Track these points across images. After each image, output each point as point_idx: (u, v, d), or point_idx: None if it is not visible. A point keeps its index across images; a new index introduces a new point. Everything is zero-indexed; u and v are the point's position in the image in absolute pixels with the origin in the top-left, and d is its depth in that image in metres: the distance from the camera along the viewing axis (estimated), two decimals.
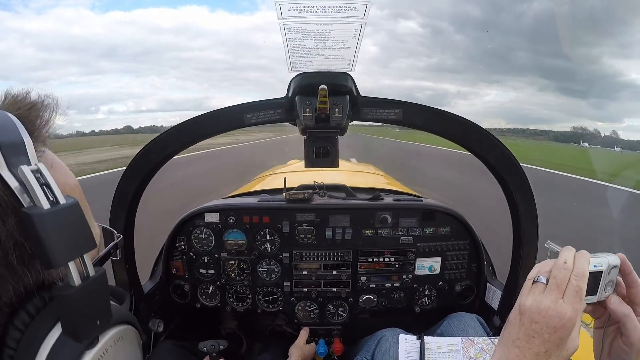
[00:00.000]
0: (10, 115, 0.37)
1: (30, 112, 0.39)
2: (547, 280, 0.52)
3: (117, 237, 0.55)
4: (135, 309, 1.15)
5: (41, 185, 0.34)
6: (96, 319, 0.38)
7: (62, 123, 0.43)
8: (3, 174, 0.33)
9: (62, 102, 0.42)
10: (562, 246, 0.58)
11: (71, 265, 0.35)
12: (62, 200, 0.35)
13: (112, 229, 0.55)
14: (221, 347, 1.07)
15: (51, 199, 0.34)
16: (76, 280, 0.36)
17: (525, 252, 1.07)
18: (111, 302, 0.44)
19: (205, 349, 1.07)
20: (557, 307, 0.49)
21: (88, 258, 0.38)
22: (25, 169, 0.33)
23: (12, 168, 0.33)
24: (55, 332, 0.36)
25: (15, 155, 0.34)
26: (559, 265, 0.52)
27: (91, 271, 0.38)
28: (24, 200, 0.33)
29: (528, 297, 0.52)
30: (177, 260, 1.36)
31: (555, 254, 0.57)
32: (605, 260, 0.55)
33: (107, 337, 0.40)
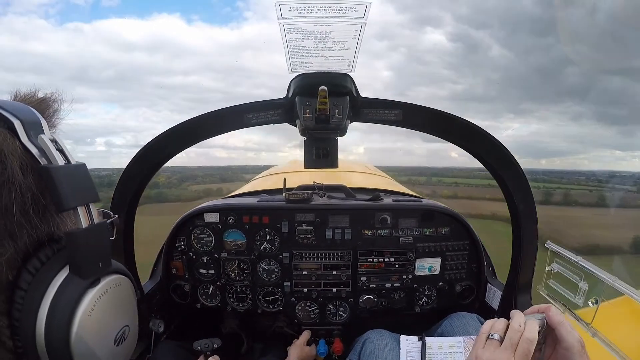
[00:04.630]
0: (26, 105, 0.45)
1: (40, 104, 0.47)
2: (500, 338, 0.62)
3: (113, 216, 0.58)
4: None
5: (56, 149, 0.43)
6: (98, 261, 0.46)
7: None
8: (24, 142, 0.41)
9: (66, 98, 0.50)
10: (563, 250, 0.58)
11: (80, 211, 0.44)
12: (73, 162, 0.45)
13: (108, 211, 0.58)
14: (215, 345, 1.08)
15: (64, 160, 0.44)
16: (84, 223, 0.44)
17: (525, 252, 1.07)
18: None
19: (199, 347, 1.08)
20: None
21: (94, 208, 0.46)
22: (45, 137, 0.43)
23: (32, 139, 0.42)
24: (63, 274, 0.43)
25: (34, 130, 0.43)
26: (514, 328, 0.62)
27: (96, 220, 0.46)
28: (42, 162, 0.42)
29: (485, 351, 0.62)
30: (177, 260, 1.36)
31: (554, 254, 0.57)
32: (542, 323, 0.63)
33: (107, 280, 0.47)
